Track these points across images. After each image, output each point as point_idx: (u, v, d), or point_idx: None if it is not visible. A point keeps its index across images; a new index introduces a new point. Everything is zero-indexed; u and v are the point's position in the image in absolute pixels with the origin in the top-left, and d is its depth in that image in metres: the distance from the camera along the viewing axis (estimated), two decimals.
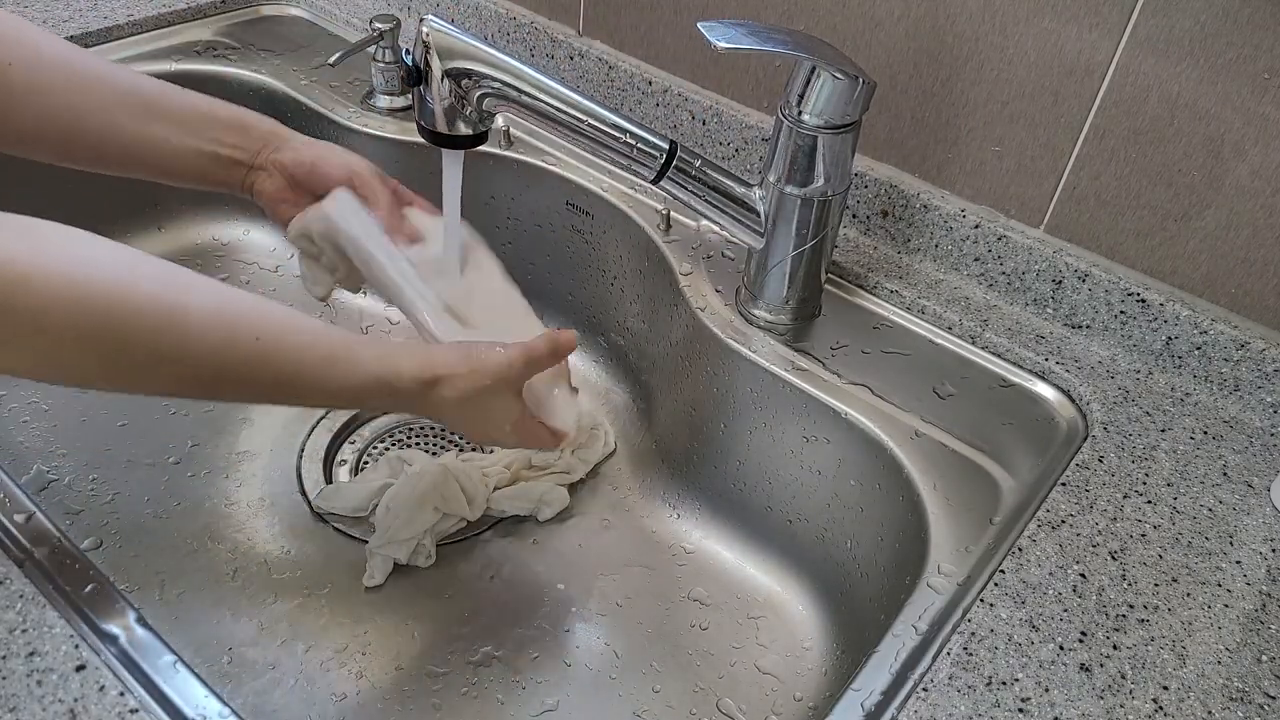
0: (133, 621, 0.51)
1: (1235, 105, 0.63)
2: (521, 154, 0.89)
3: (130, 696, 0.46)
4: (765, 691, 0.71)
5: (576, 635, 0.73)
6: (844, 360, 0.72)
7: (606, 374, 0.92)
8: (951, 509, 0.63)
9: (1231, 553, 0.59)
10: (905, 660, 0.53)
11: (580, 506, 0.82)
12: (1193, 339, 0.69)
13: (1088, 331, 0.74)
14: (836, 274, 0.79)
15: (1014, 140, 0.72)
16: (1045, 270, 0.74)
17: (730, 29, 0.61)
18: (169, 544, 0.75)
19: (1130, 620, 0.54)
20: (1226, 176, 0.65)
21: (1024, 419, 0.69)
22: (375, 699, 0.67)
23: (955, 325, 0.75)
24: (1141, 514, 0.61)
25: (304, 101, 0.94)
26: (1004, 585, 0.56)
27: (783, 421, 0.73)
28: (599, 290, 0.90)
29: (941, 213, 0.77)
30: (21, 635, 0.48)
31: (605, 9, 0.90)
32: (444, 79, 0.60)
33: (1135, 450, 0.65)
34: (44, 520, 0.55)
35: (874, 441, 0.67)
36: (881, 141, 0.79)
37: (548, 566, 0.77)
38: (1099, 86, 0.67)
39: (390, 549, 0.74)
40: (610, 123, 0.64)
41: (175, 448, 0.82)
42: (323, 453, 0.83)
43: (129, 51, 0.96)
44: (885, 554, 0.68)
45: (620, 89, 0.91)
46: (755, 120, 0.84)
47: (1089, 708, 0.50)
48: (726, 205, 0.69)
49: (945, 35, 0.72)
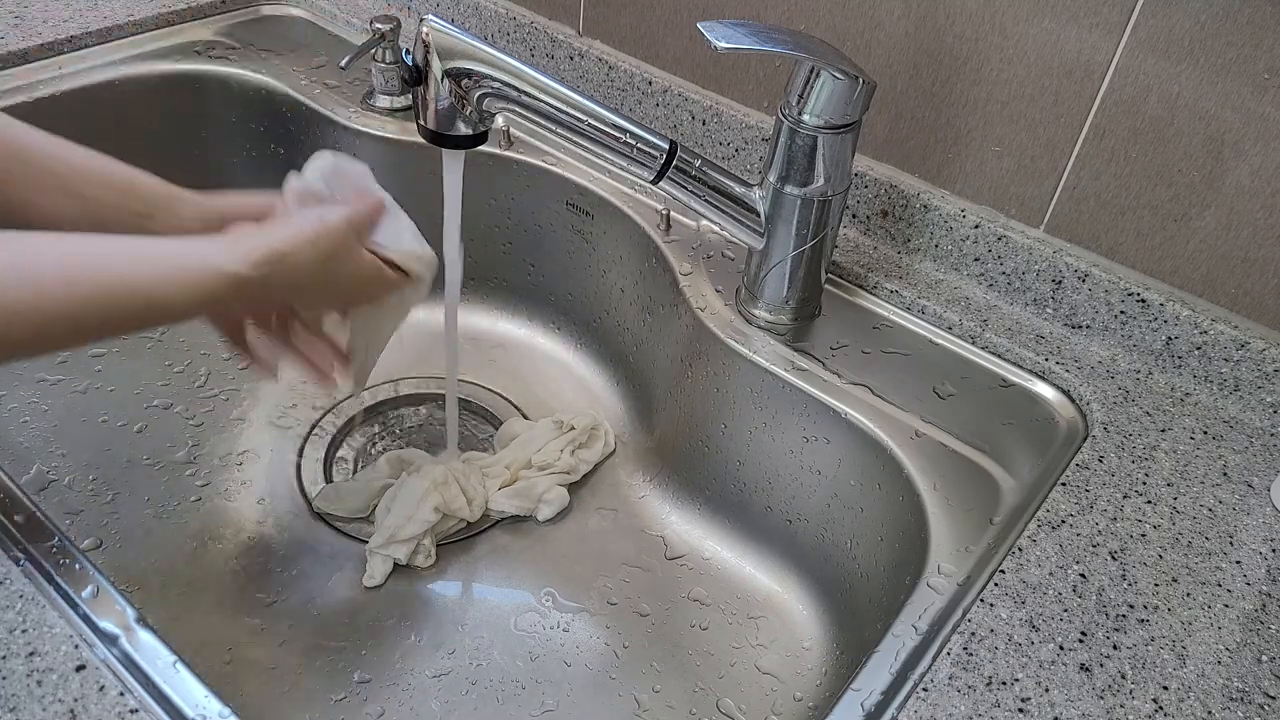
0: (133, 621, 0.51)
1: (1235, 105, 0.63)
2: (521, 154, 0.89)
3: (130, 696, 0.46)
4: (765, 691, 0.71)
5: (576, 635, 0.73)
6: (844, 360, 0.72)
7: (607, 374, 0.92)
8: (951, 509, 0.63)
9: (1231, 553, 0.59)
10: (905, 660, 0.53)
11: (580, 506, 0.82)
12: (1193, 339, 0.69)
13: (1088, 331, 0.74)
14: (836, 274, 0.79)
15: (1014, 140, 0.72)
16: (1045, 270, 0.74)
17: (730, 29, 0.61)
18: (169, 544, 0.75)
19: (1130, 620, 0.54)
20: (1226, 176, 0.65)
21: (1024, 419, 0.69)
22: (375, 699, 0.67)
23: (955, 325, 0.75)
24: (1141, 514, 0.61)
25: (304, 101, 0.94)
26: (1004, 585, 0.56)
27: (783, 421, 0.73)
28: (599, 290, 0.90)
29: (941, 213, 0.77)
30: (21, 635, 0.48)
31: (605, 9, 0.90)
32: (444, 79, 0.60)
33: (1135, 450, 0.65)
34: (44, 520, 0.55)
35: (874, 441, 0.67)
36: (881, 141, 0.79)
37: (548, 566, 0.77)
38: (1099, 86, 0.67)
39: (390, 549, 0.74)
40: (610, 123, 0.64)
41: (175, 448, 0.82)
42: (323, 453, 0.83)
43: (129, 51, 0.96)
44: (885, 554, 0.68)
45: (620, 89, 0.91)
46: (755, 120, 0.84)
47: (1089, 708, 0.50)
48: (726, 205, 0.69)
49: (945, 35, 0.72)
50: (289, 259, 0.55)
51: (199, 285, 0.52)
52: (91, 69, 0.92)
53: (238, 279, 0.53)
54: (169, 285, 0.51)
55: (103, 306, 0.50)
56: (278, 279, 0.55)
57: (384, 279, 0.61)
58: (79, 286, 0.49)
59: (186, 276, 0.52)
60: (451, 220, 0.67)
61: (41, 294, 0.48)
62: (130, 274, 0.51)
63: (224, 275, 0.53)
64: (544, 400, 0.91)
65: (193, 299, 0.52)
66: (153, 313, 0.52)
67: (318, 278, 0.57)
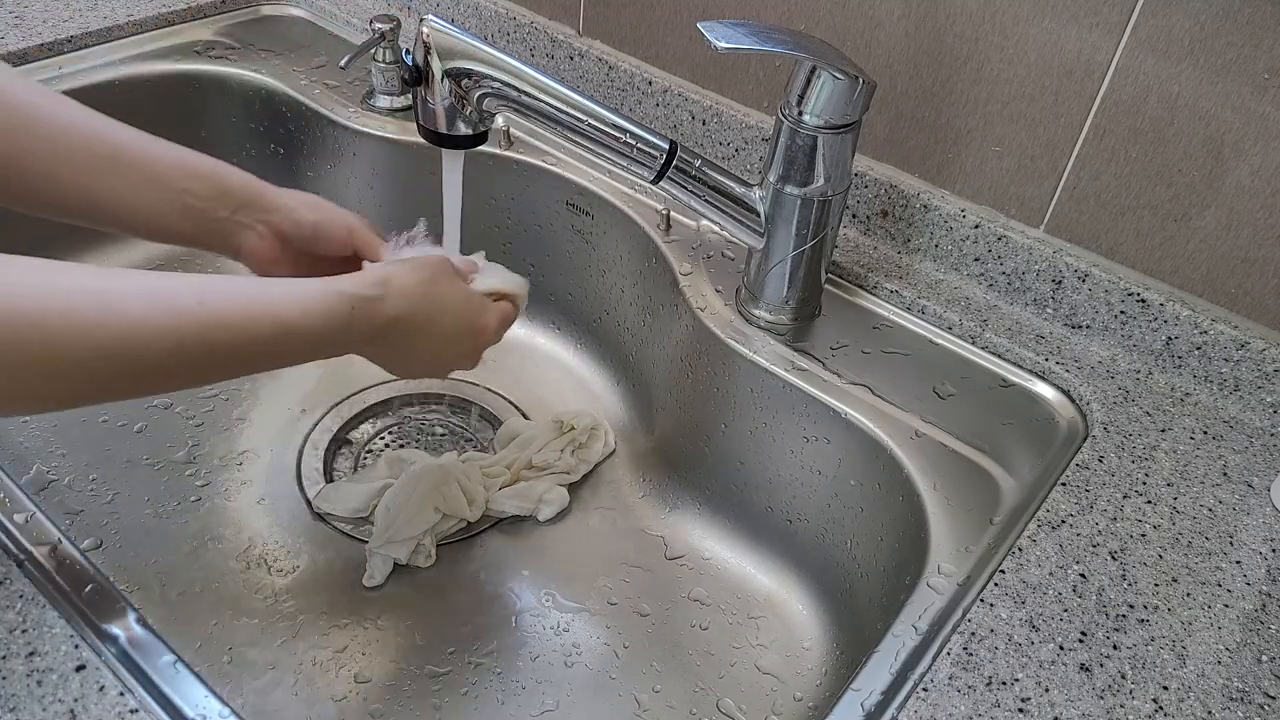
0: (133, 621, 0.51)
1: (1235, 105, 0.63)
2: (521, 154, 0.89)
3: (130, 696, 0.46)
4: (765, 691, 0.71)
5: (576, 635, 0.73)
6: (844, 360, 0.72)
7: (607, 374, 0.92)
8: (951, 509, 0.63)
9: (1231, 553, 0.59)
10: (905, 660, 0.53)
11: (580, 506, 0.82)
12: (1193, 339, 0.69)
13: (1088, 331, 0.74)
14: (836, 274, 0.79)
15: (1014, 140, 0.72)
16: (1045, 270, 0.74)
17: (730, 29, 0.61)
18: (169, 544, 0.75)
19: (1130, 620, 0.54)
20: (1226, 176, 0.65)
21: (1024, 419, 0.69)
22: (375, 699, 0.67)
23: (955, 325, 0.75)
24: (1141, 514, 0.61)
25: (304, 101, 0.94)
26: (1004, 585, 0.56)
27: (783, 421, 0.73)
28: (599, 290, 0.90)
29: (941, 213, 0.77)
30: (21, 635, 0.48)
31: (605, 9, 0.90)
32: (444, 79, 0.60)
33: (1135, 450, 0.65)
34: (44, 520, 0.55)
35: (874, 441, 0.67)
36: (881, 141, 0.79)
37: (548, 566, 0.77)
38: (1099, 86, 0.67)
39: (390, 549, 0.74)
40: (610, 123, 0.64)
41: (175, 448, 0.82)
42: (323, 452, 0.83)
43: (129, 51, 0.96)
44: (885, 554, 0.68)
45: (620, 89, 0.91)
46: (755, 120, 0.84)
47: (1089, 708, 0.50)
48: (726, 205, 0.69)
49: (945, 35, 0.72)
50: (395, 280, 0.57)
51: (322, 305, 0.53)
52: (91, 69, 0.93)
53: (356, 298, 0.54)
54: (293, 305, 0.52)
55: (236, 333, 0.50)
56: (392, 301, 0.56)
57: (488, 304, 0.63)
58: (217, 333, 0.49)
59: (309, 297, 0.53)
60: (451, 220, 0.67)
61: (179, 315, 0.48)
62: (259, 294, 0.51)
63: (344, 295, 0.54)
64: (544, 400, 0.91)
65: (316, 320, 0.53)
66: (284, 339, 0.52)
67: (428, 300, 0.58)
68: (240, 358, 0.51)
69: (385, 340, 0.57)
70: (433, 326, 0.59)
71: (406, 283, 0.57)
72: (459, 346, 0.62)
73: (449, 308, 0.60)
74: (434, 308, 0.58)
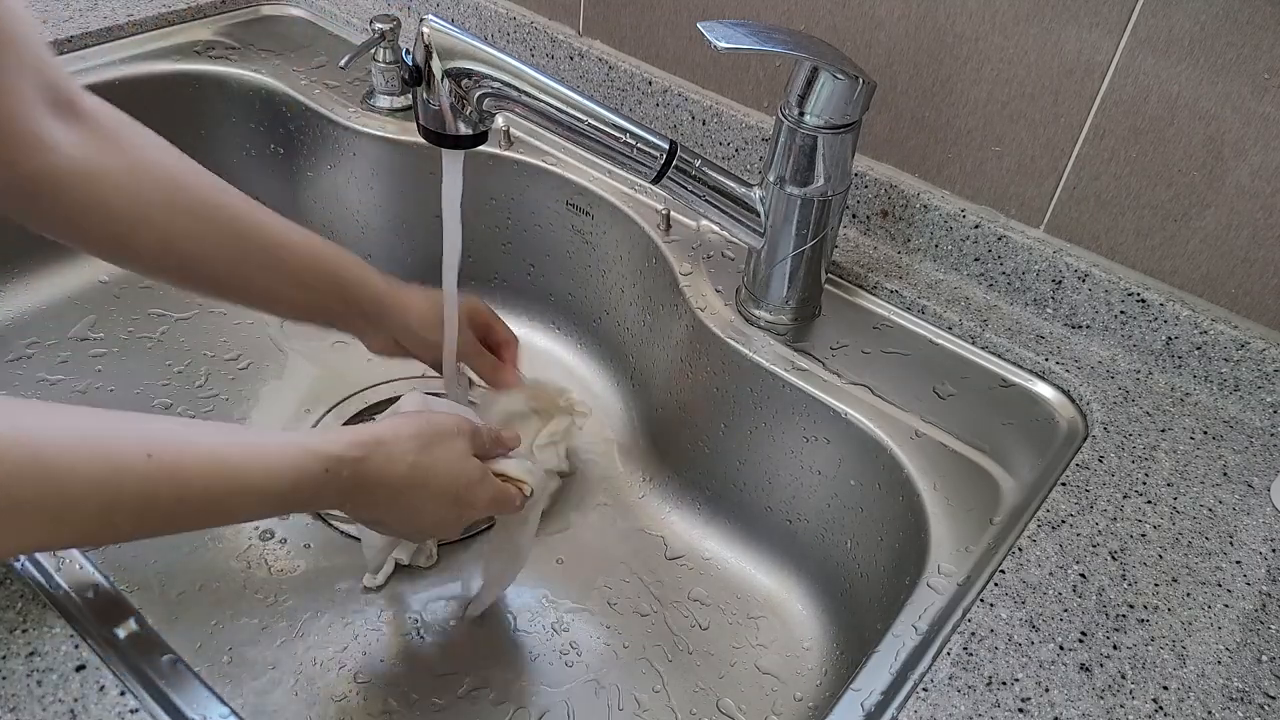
0: (133, 621, 0.51)
1: (1235, 105, 0.63)
2: (521, 154, 0.89)
3: (130, 696, 0.46)
4: (765, 691, 0.71)
5: (576, 635, 0.73)
6: (844, 360, 0.72)
7: (607, 374, 0.92)
8: (951, 509, 0.63)
9: (1231, 553, 0.59)
10: (905, 660, 0.53)
11: (580, 506, 0.82)
12: (1193, 339, 0.69)
13: (1088, 331, 0.74)
14: (836, 274, 0.79)
15: (1014, 140, 0.72)
16: (1045, 270, 0.74)
17: (730, 29, 0.61)
18: (169, 544, 0.75)
19: (1130, 620, 0.54)
20: (1226, 176, 0.65)
21: (1024, 419, 0.69)
22: (375, 699, 0.67)
23: (955, 325, 0.75)
24: (1141, 514, 0.61)
25: (304, 101, 0.94)
26: (1004, 585, 0.56)
27: (783, 421, 0.73)
28: (599, 290, 0.90)
29: (941, 213, 0.77)
30: (21, 635, 0.48)
31: (605, 9, 0.90)
32: (444, 79, 0.60)
33: (1135, 450, 0.65)
34: None
35: (874, 441, 0.67)
36: (881, 141, 0.79)
37: (547, 566, 0.77)
38: (1099, 86, 0.67)
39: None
40: (610, 123, 0.64)
41: None
42: None
43: (129, 51, 0.96)
44: (885, 554, 0.68)
45: (620, 89, 0.91)
46: (755, 120, 0.84)
47: (1089, 708, 0.50)
48: (726, 205, 0.69)
49: (945, 35, 0.72)
50: (386, 444, 0.55)
51: (291, 465, 0.51)
52: (92, 69, 0.93)
53: (332, 459, 0.52)
54: (255, 464, 0.50)
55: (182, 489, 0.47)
56: (376, 463, 0.54)
57: (486, 477, 0.61)
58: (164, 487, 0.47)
59: (277, 456, 0.51)
60: (451, 220, 0.67)
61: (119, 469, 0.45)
62: (221, 447, 0.49)
63: (318, 456, 0.52)
64: None
65: (282, 481, 0.51)
66: (242, 497, 0.50)
67: (416, 467, 0.56)
68: (189, 514, 0.49)
69: (362, 499, 0.56)
70: (413, 493, 0.58)
71: (395, 451, 0.56)
72: (439, 515, 0.60)
73: (437, 474, 0.58)
74: (419, 475, 0.57)
